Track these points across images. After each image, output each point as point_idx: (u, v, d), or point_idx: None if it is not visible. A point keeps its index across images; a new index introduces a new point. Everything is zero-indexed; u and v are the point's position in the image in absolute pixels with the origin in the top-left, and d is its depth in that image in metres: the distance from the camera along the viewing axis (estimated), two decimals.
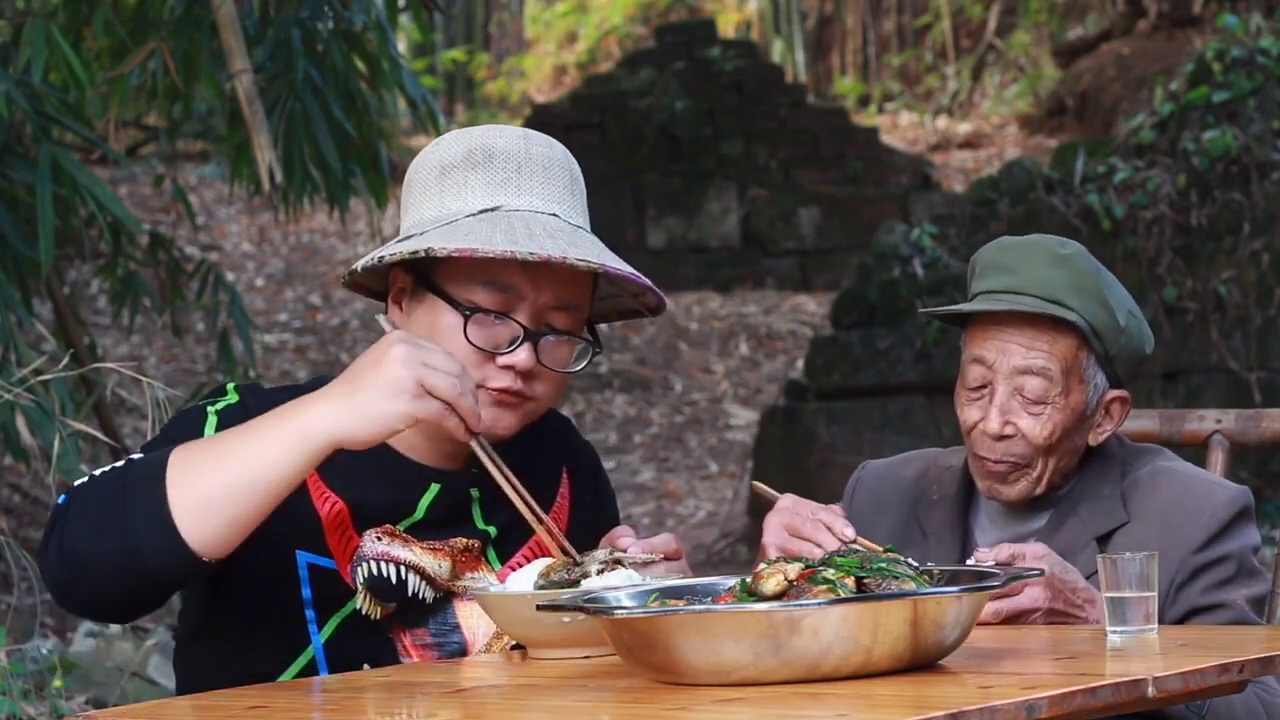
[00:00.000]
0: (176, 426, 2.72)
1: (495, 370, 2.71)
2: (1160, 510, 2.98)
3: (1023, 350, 2.97)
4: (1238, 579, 2.96)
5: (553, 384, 2.76)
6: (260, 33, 6.05)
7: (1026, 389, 2.97)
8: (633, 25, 19.05)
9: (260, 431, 2.51)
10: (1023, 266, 2.98)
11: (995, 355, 2.98)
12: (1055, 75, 17.02)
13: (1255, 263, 8.81)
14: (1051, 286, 2.96)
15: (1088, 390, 2.99)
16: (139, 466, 2.54)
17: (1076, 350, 2.97)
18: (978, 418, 3.00)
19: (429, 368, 2.48)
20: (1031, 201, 9.03)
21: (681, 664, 2.26)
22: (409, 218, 2.79)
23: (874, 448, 8.82)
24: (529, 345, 2.71)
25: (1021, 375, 2.97)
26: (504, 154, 2.75)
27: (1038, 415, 2.97)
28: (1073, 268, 2.97)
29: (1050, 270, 2.97)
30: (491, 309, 2.70)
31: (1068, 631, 2.73)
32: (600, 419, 11.74)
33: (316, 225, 14.30)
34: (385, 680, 2.58)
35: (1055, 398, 2.97)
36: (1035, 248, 3.00)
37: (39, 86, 5.05)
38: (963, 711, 2.04)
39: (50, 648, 5.90)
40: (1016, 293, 2.97)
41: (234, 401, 2.73)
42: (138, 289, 6.70)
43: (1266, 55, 9.00)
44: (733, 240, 13.91)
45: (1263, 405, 8.44)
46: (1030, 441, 2.98)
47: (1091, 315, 2.96)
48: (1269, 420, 3.31)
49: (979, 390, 3.00)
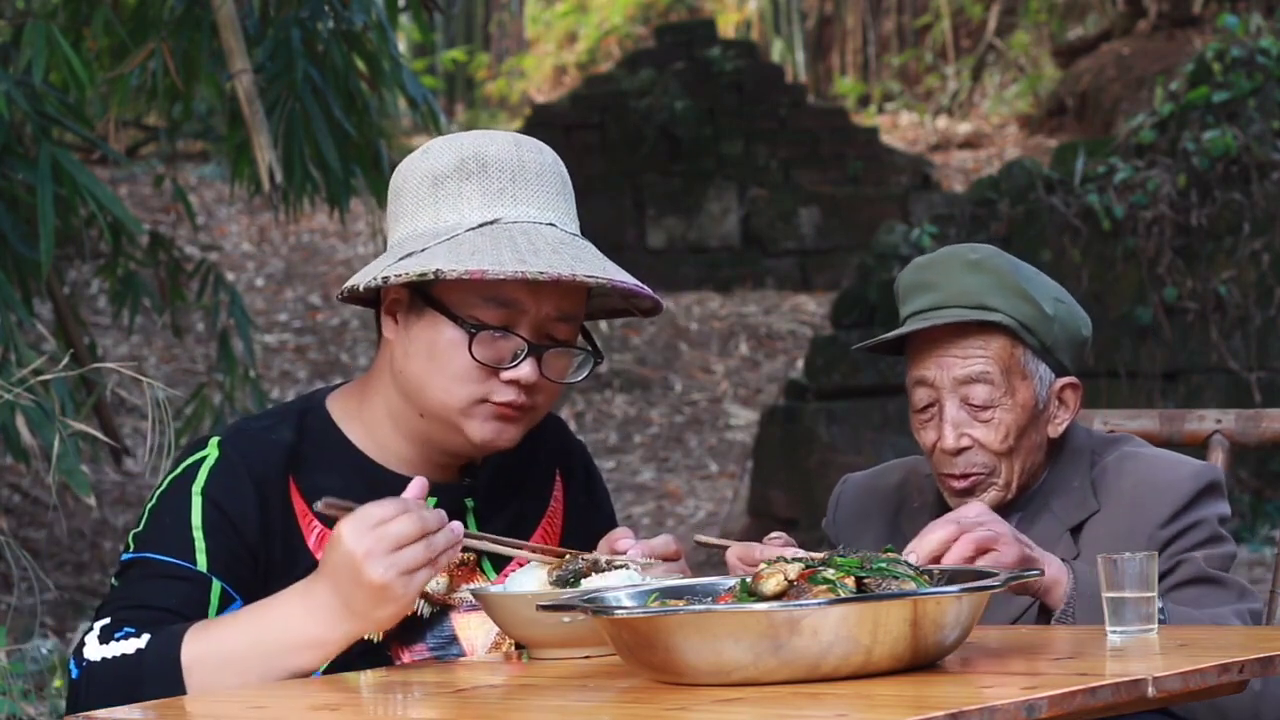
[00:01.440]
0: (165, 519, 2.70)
1: (499, 385, 2.70)
2: (1128, 491, 3.00)
3: (959, 361, 3.00)
4: (1204, 545, 2.98)
5: (552, 393, 2.76)
6: (260, 33, 6.05)
7: (972, 397, 2.99)
8: (633, 25, 19.04)
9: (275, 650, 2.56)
10: (941, 281, 3.01)
11: (935, 372, 3.01)
12: (1055, 75, 17.02)
13: (1255, 263, 8.81)
14: (972, 293, 2.99)
15: (1034, 384, 3.01)
16: (153, 667, 2.57)
17: (1011, 348, 3.00)
18: (934, 438, 3.03)
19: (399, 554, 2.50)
20: (1031, 201, 9.03)
21: (681, 664, 2.26)
22: (401, 228, 2.76)
23: (874, 448, 8.82)
24: (533, 359, 2.70)
25: (964, 385, 2.99)
26: (497, 162, 2.73)
27: (989, 421, 2.99)
28: (987, 270, 3.01)
29: (967, 277, 3.00)
30: (494, 324, 2.69)
31: (1068, 631, 2.73)
32: (600, 419, 11.74)
33: (316, 225, 14.30)
34: (385, 680, 2.58)
35: (1001, 399, 2.99)
36: (948, 260, 3.04)
37: (39, 87, 5.05)
38: (963, 711, 2.04)
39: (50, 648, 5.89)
40: (940, 307, 3.00)
41: (215, 460, 2.71)
42: (138, 289, 6.70)
43: (1266, 55, 9.00)
44: (733, 240, 13.90)
45: (1263, 405, 8.44)
46: (988, 449, 3.00)
47: (1016, 311, 2.99)
48: (1269, 420, 3.31)
49: (928, 410, 3.03)
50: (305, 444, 2.75)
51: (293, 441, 2.74)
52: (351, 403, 2.81)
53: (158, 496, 2.74)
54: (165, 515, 2.71)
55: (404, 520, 2.49)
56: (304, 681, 2.57)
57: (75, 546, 8.79)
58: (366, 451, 2.77)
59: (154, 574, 2.66)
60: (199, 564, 2.66)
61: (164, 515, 2.71)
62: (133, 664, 2.57)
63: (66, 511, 8.83)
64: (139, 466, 9.40)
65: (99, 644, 2.60)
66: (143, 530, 2.71)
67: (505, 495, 2.83)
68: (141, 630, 2.59)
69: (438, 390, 2.70)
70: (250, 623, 2.58)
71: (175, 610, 2.63)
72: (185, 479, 2.71)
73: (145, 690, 2.53)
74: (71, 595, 7.96)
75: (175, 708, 2.46)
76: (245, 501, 2.69)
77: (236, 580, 2.66)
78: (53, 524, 8.63)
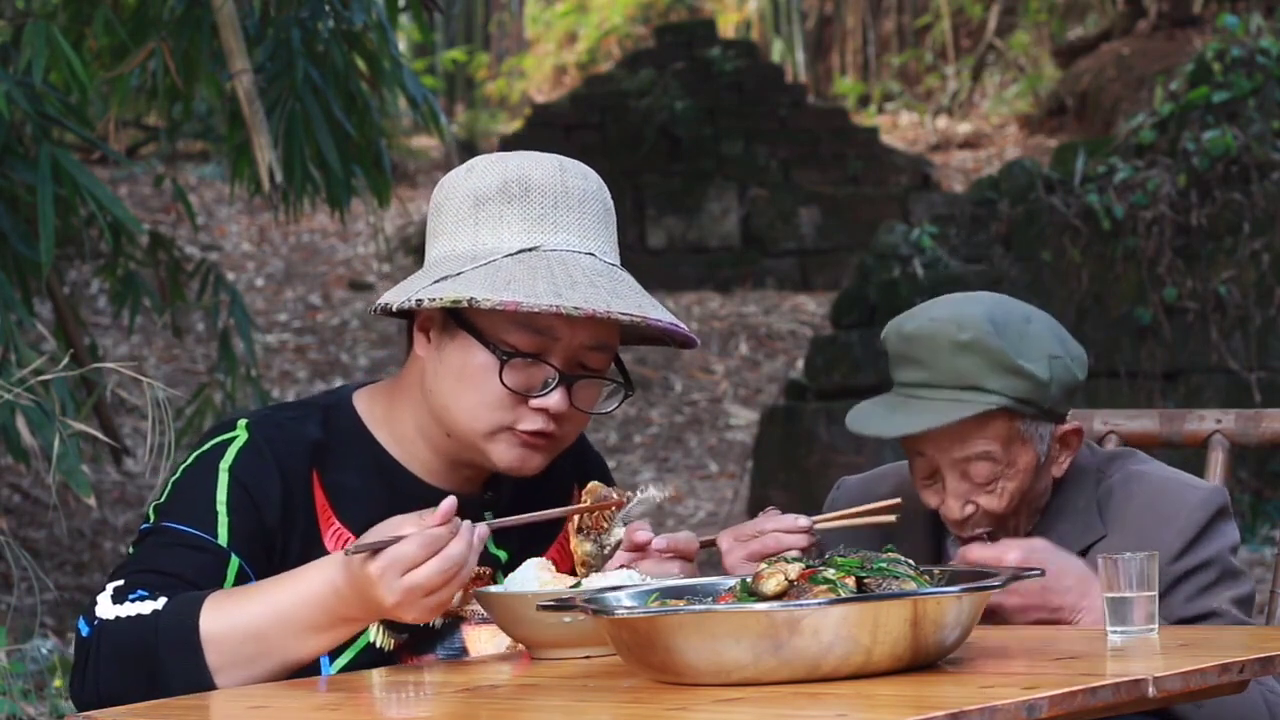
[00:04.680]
0: (189, 492, 2.69)
1: (527, 412, 2.69)
2: (1134, 518, 2.94)
3: (959, 444, 2.91)
4: (1220, 583, 2.93)
5: (580, 423, 2.76)
6: (260, 33, 6.05)
7: (973, 474, 2.92)
8: (633, 25, 19.03)
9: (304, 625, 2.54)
10: (930, 360, 2.90)
11: (933, 451, 2.93)
12: (1055, 75, 17.02)
13: (1255, 263, 8.81)
14: (964, 375, 2.88)
15: (1035, 447, 2.93)
16: (169, 630, 2.54)
17: (1009, 424, 2.90)
18: (936, 503, 2.96)
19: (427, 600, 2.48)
20: (1031, 201, 9.03)
21: (681, 664, 2.26)
22: (439, 246, 2.74)
23: (874, 448, 8.81)
24: (563, 388, 2.69)
25: (965, 463, 2.92)
26: (540, 187, 2.71)
27: (993, 491, 2.93)
28: (977, 350, 2.88)
29: (957, 359, 2.88)
30: (527, 351, 2.67)
31: (1068, 631, 2.73)
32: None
33: (316, 225, 14.30)
34: (385, 680, 2.58)
35: (1004, 470, 2.92)
36: (935, 339, 2.90)
37: (40, 87, 5.05)
38: (963, 711, 2.04)
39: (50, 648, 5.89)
40: (931, 385, 2.90)
41: (244, 443, 2.70)
42: (138, 289, 6.70)
43: (1266, 55, 8.99)
44: (733, 240, 13.90)
45: (1263, 405, 8.43)
46: (993, 513, 2.94)
47: (1011, 390, 2.88)
48: (1269, 420, 3.31)
49: (930, 478, 2.96)
50: (331, 440, 2.75)
51: (319, 437, 2.74)
52: (379, 407, 2.80)
53: (183, 470, 2.72)
54: (190, 489, 2.70)
55: (433, 567, 2.46)
56: (304, 681, 2.57)
57: (75, 546, 8.79)
58: (393, 454, 2.77)
59: (174, 543, 2.64)
60: (220, 538, 2.64)
61: (188, 488, 2.70)
62: (148, 625, 2.54)
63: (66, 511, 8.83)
64: (139, 466, 9.40)
65: (112, 603, 2.57)
66: (165, 502, 2.70)
67: (525, 508, 2.82)
68: (157, 594, 2.57)
69: (465, 413, 2.70)
70: (274, 595, 2.55)
71: (192, 580, 2.61)
72: (213, 456, 2.71)
73: (160, 653, 2.52)
74: (71, 595, 7.96)
75: (175, 707, 2.46)
76: (271, 486, 2.68)
77: (253, 560, 2.65)
78: (53, 524, 8.63)
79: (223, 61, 5.61)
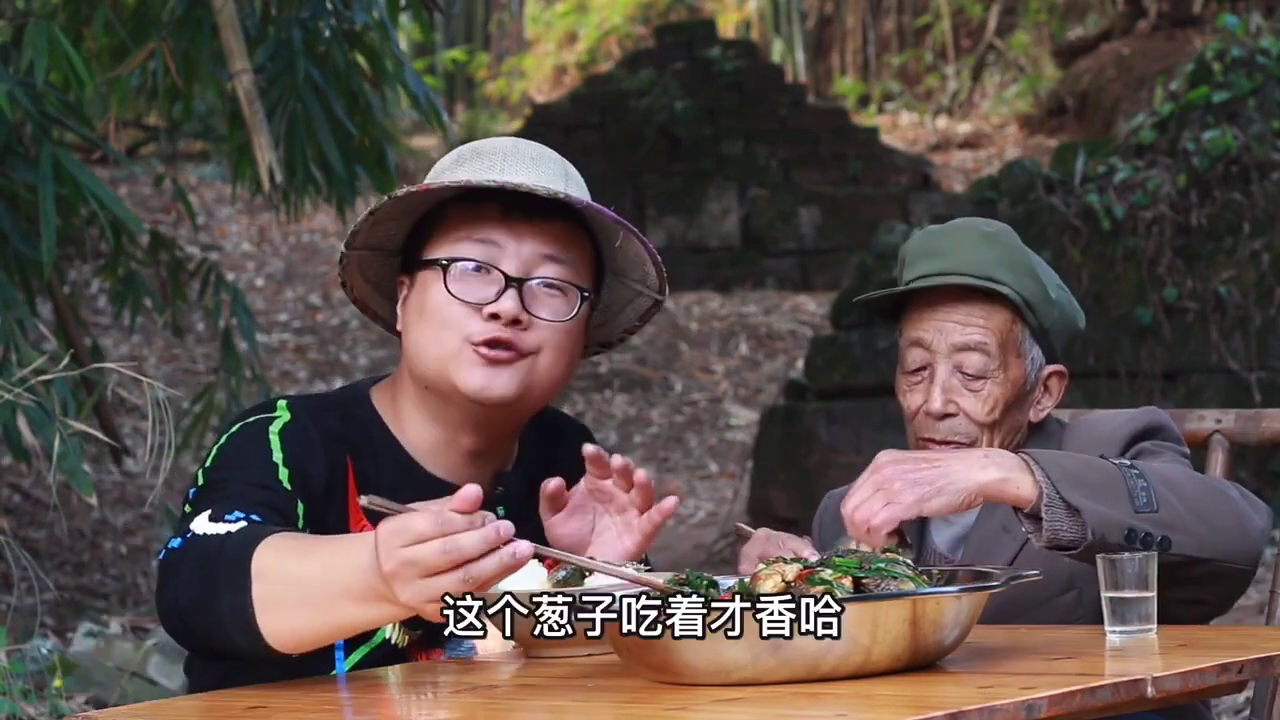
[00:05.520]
0: (242, 451, 2.64)
1: (481, 323, 2.68)
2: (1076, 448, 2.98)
3: (959, 327, 3.01)
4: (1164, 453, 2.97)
5: (551, 346, 2.72)
6: (261, 33, 6.05)
7: (966, 365, 3.00)
8: (633, 25, 19.04)
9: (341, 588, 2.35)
10: (952, 249, 3.02)
11: (933, 335, 3.02)
12: (1055, 75, 17.02)
13: (1255, 263, 8.81)
14: (982, 264, 3.00)
15: (1025, 364, 3.03)
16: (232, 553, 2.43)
17: (1011, 324, 3.01)
18: (920, 401, 3.03)
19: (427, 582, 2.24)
20: (1031, 201, 9.03)
21: (681, 664, 2.26)
22: None
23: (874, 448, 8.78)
24: (513, 292, 2.67)
25: (960, 352, 3.00)
26: (491, 149, 2.75)
27: (978, 392, 3.00)
28: (1001, 244, 3.02)
29: (979, 249, 3.01)
30: (471, 257, 2.68)
31: (1068, 631, 2.73)
32: (600, 419, 11.74)
33: (316, 225, 14.30)
34: (385, 680, 2.58)
35: (994, 372, 3.00)
36: (963, 230, 3.06)
37: (40, 87, 5.05)
38: (963, 711, 2.04)
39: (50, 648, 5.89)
40: (948, 273, 3.01)
41: (289, 420, 2.68)
42: (138, 289, 6.69)
43: (1266, 55, 9.00)
44: (733, 240, 13.90)
45: (1263, 405, 8.44)
46: (973, 419, 3.01)
47: (1023, 288, 3.01)
48: (1269, 420, 3.31)
49: (919, 373, 3.04)
50: (357, 436, 2.74)
51: (345, 432, 2.74)
52: (386, 397, 2.81)
53: (227, 438, 2.67)
54: (242, 449, 2.65)
55: (436, 547, 2.24)
56: (305, 681, 2.57)
57: (75, 546, 8.80)
58: (410, 451, 2.77)
59: (245, 481, 2.60)
60: (284, 484, 2.62)
61: (240, 449, 2.65)
62: (214, 551, 2.45)
63: (67, 511, 8.83)
64: (139, 466, 9.40)
65: (209, 521, 2.50)
66: (213, 463, 2.64)
67: (534, 503, 2.80)
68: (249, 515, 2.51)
69: (429, 345, 2.70)
70: (324, 550, 2.42)
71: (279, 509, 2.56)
72: (260, 425, 2.68)
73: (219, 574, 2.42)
74: (71, 595, 7.96)
75: (175, 708, 2.46)
76: (316, 461, 2.66)
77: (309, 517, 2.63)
78: (53, 524, 8.64)
79: (223, 61, 5.62)
